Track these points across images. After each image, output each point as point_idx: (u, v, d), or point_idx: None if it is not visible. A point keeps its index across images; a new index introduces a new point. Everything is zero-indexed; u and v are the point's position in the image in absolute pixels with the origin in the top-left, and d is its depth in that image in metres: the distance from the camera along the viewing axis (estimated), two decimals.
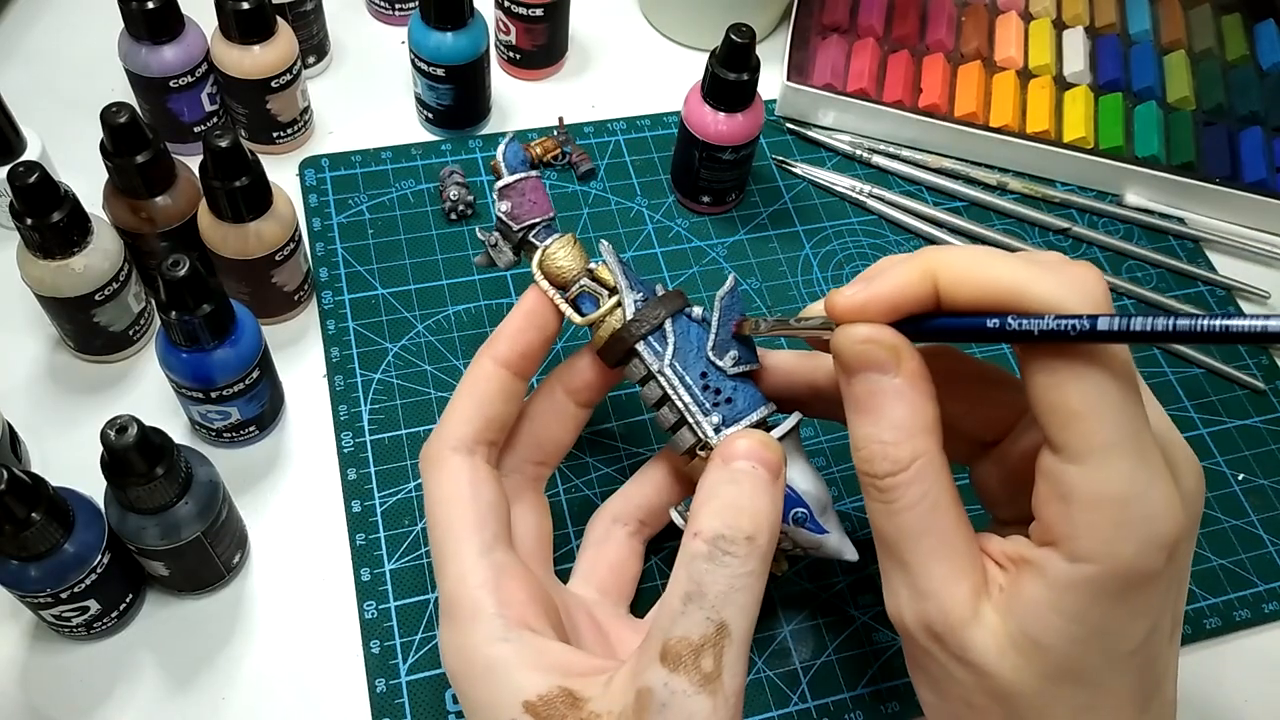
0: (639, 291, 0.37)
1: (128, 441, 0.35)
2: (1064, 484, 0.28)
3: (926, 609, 0.29)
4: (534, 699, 0.30)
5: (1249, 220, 0.60)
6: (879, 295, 0.30)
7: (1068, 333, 0.27)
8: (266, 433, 0.48)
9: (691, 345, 0.37)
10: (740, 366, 0.36)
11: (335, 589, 0.44)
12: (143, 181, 0.45)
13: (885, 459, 0.29)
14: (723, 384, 0.36)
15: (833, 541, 0.37)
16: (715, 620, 0.29)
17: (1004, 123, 0.60)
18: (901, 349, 0.30)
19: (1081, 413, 0.27)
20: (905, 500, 0.29)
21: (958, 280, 0.29)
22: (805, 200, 0.59)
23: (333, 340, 0.50)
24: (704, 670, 0.29)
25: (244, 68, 0.52)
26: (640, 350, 0.37)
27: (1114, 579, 0.27)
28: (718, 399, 0.36)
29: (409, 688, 0.41)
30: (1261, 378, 0.54)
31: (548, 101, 0.62)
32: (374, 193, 0.56)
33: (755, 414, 0.36)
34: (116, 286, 0.46)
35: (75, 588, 0.38)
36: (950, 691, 0.30)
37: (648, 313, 0.37)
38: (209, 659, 0.42)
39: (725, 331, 0.37)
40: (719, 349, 0.36)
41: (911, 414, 0.30)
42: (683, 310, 0.37)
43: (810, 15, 0.64)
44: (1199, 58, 0.66)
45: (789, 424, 0.36)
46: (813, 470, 0.37)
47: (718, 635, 0.29)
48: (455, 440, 0.35)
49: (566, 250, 0.38)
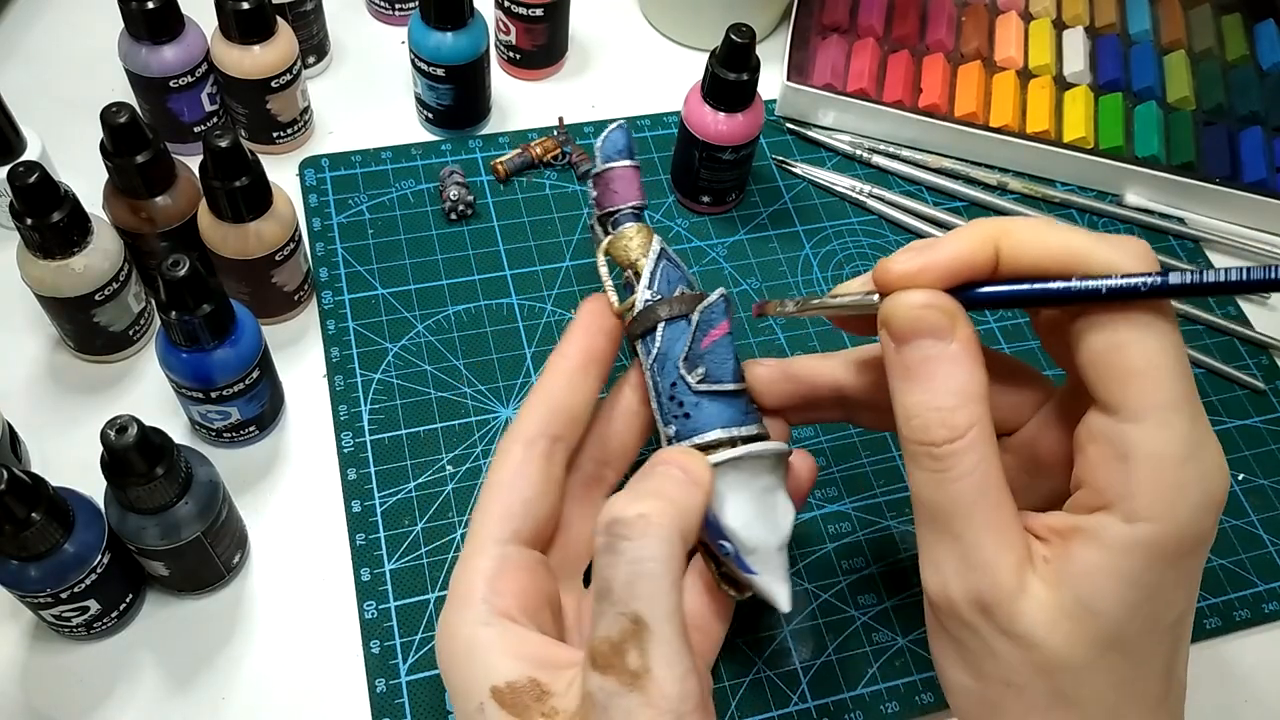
0: (658, 290, 0.37)
1: (128, 441, 0.35)
2: (1123, 443, 0.28)
3: (977, 581, 0.29)
4: (502, 685, 0.30)
5: (1249, 220, 0.60)
6: (936, 261, 0.30)
7: (1139, 289, 0.27)
8: (266, 433, 0.48)
9: (674, 353, 0.36)
10: (707, 384, 0.35)
11: (335, 589, 0.44)
12: (143, 181, 0.45)
13: (942, 425, 0.29)
14: (686, 398, 0.35)
15: (759, 583, 0.34)
16: (627, 614, 0.28)
17: (1004, 123, 0.60)
18: (957, 314, 0.30)
19: (1144, 371, 0.28)
20: (961, 469, 0.29)
21: (1020, 246, 0.29)
22: (805, 200, 0.59)
23: (333, 340, 0.50)
24: (630, 668, 0.28)
25: (244, 68, 0.52)
26: (638, 348, 0.37)
27: (1171, 540, 0.28)
28: (679, 411, 0.35)
29: (409, 688, 0.41)
30: (1261, 378, 0.54)
31: (548, 101, 0.62)
32: (374, 193, 0.56)
33: (708, 434, 0.34)
34: (116, 286, 0.46)
35: (75, 588, 0.38)
36: (989, 671, 0.30)
37: (646, 313, 0.37)
38: (209, 659, 0.42)
39: (699, 345, 0.36)
40: (690, 362, 0.35)
41: (968, 380, 0.29)
42: (685, 315, 0.36)
43: (810, 15, 0.64)
44: (1199, 58, 0.66)
45: (731, 453, 0.34)
46: (757, 511, 0.34)
47: (634, 629, 0.28)
48: (518, 432, 0.36)
49: (627, 240, 0.39)
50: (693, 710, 0.28)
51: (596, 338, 0.37)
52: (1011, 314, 0.55)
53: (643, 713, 0.28)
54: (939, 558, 0.30)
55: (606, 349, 0.37)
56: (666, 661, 0.28)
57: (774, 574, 0.34)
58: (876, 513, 0.48)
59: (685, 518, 0.30)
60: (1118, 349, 0.28)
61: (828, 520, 0.47)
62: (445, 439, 0.48)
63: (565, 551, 0.37)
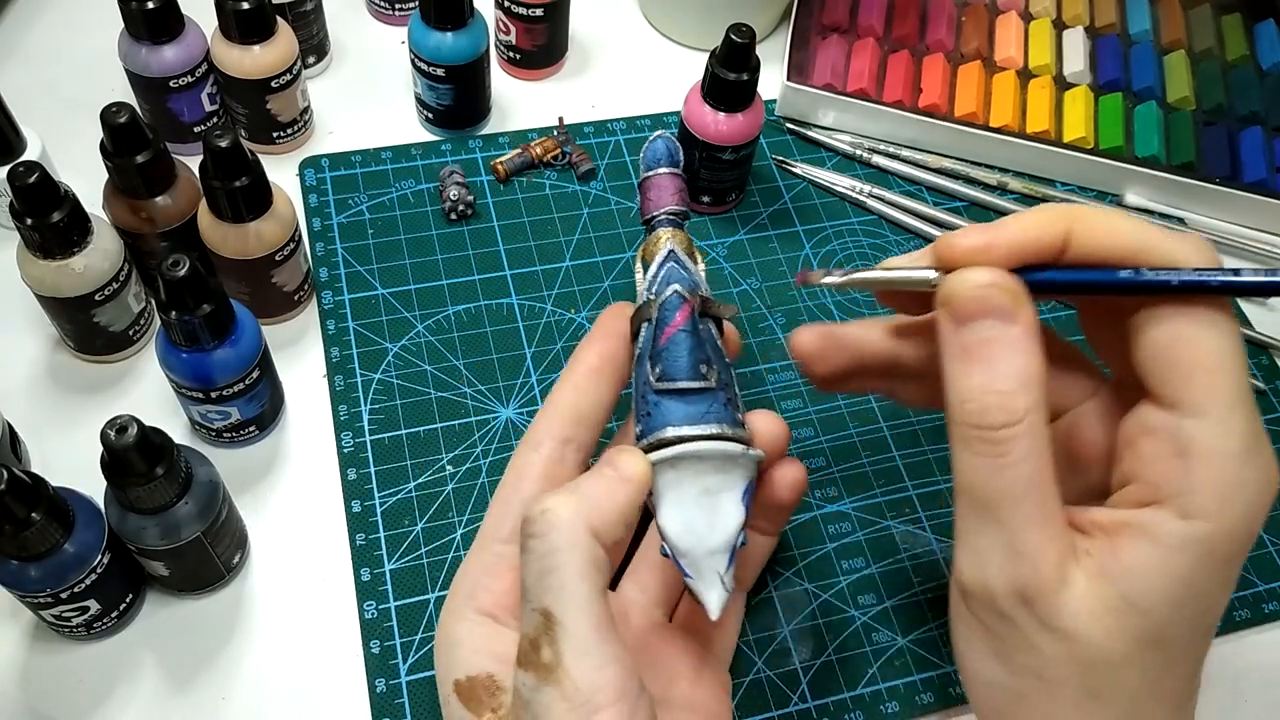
0: (654, 290, 0.37)
1: (128, 441, 0.35)
2: (1183, 439, 0.28)
3: (1021, 572, 0.29)
4: (462, 678, 0.32)
5: (1249, 220, 0.60)
6: (1003, 239, 0.29)
7: (1209, 284, 0.27)
8: (266, 433, 0.48)
9: (645, 354, 0.35)
10: (664, 382, 0.34)
11: (335, 589, 0.44)
12: (143, 181, 0.45)
13: (1002, 410, 0.28)
14: (649, 396, 0.34)
15: (692, 585, 0.33)
16: (538, 610, 0.28)
17: (1004, 123, 0.60)
18: (1022, 296, 0.29)
19: (1209, 367, 0.28)
20: (1016, 455, 0.28)
21: (1093, 232, 0.29)
22: (805, 200, 0.59)
23: (333, 340, 0.50)
24: (544, 662, 0.28)
25: (244, 68, 0.52)
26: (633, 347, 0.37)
27: (1225, 538, 0.28)
28: (643, 411, 0.34)
29: (409, 688, 0.41)
30: (1261, 378, 0.54)
31: (548, 101, 0.62)
32: (374, 193, 0.56)
33: (659, 433, 0.33)
34: (116, 286, 0.46)
35: (75, 588, 0.38)
36: (1022, 663, 0.30)
37: (636, 313, 0.37)
38: (209, 659, 0.42)
39: (657, 344, 0.35)
40: (652, 361, 0.35)
41: (1029, 364, 0.29)
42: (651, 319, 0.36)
43: (810, 15, 0.64)
44: (1199, 58, 0.66)
45: (667, 452, 0.32)
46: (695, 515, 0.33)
47: (545, 623, 0.28)
48: (528, 435, 0.36)
49: (656, 242, 0.39)
50: (611, 701, 0.28)
51: (610, 341, 0.37)
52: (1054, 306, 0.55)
53: (558, 705, 0.28)
54: (981, 546, 0.30)
55: (621, 352, 0.37)
56: (578, 653, 0.28)
57: (705, 580, 0.33)
58: (876, 513, 0.48)
59: (601, 512, 0.30)
60: (1183, 343, 0.28)
61: (828, 520, 0.47)
62: (445, 439, 0.48)
63: None
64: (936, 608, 0.45)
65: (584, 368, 0.37)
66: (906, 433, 0.50)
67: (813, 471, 0.49)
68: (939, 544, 0.47)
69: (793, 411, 0.50)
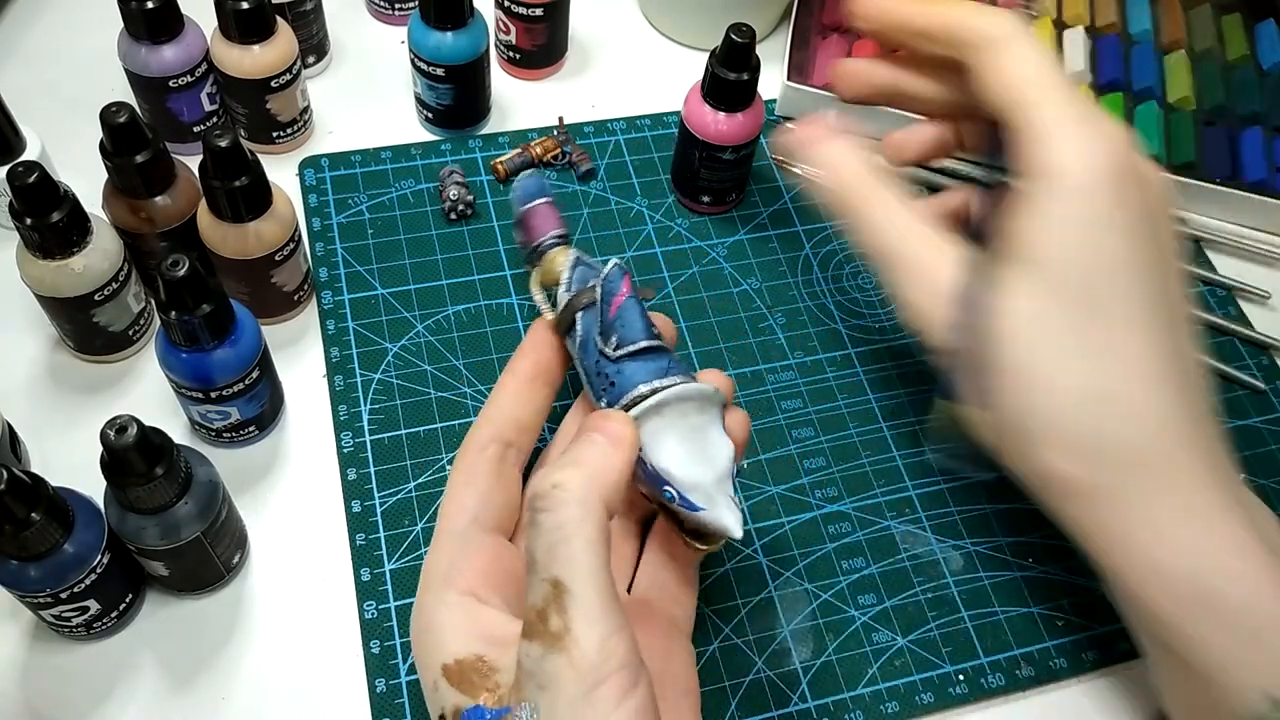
0: (573, 289, 0.40)
1: (127, 441, 0.35)
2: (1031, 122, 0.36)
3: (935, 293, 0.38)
4: (451, 663, 0.32)
5: (1249, 220, 0.60)
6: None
7: None
8: (266, 433, 0.48)
9: (592, 336, 0.38)
10: (623, 348, 0.37)
11: (335, 589, 0.44)
12: (142, 181, 0.45)
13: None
14: (608, 369, 0.37)
15: (707, 518, 0.35)
16: (548, 579, 0.29)
17: None
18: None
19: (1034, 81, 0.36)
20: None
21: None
22: (805, 200, 0.59)
23: (332, 340, 0.50)
24: (552, 630, 0.28)
25: (244, 67, 0.52)
26: (568, 345, 0.39)
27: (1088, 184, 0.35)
28: (605, 385, 0.37)
29: (409, 688, 0.41)
30: (1261, 378, 0.54)
31: (548, 101, 0.62)
32: (374, 193, 0.56)
33: (632, 392, 0.36)
34: (116, 286, 0.46)
35: (75, 588, 0.38)
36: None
37: (565, 310, 0.39)
38: (209, 659, 0.42)
39: (607, 316, 0.38)
40: (604, 335, 0.38)
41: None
42: (594, 302, 0.39)
43: (810, 15, 0.64)
44: (1199, 58, 0.66)
45: (646, 403, 0.35)
46: (691, 449, 0.36)
47: (555, 592, 0.29)
48: (470, 439, 0.39)
49: (552, 261, 0.42)
50: (617, 669, 0.28)
51: (542, 352, 0.41)
52: None
53: (565, 673, 0.28)
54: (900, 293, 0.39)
55: (552, 362, 0.41)
56: (587, 621, 0.28)
57: (719, 506, 0.35)
58: (876, 513, 0.48)
59: (604, 480, 0.30)
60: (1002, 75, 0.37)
61: (828, 520, 0.47)
62: (445, 439, 0.48)
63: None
64: (936, 608, 0.45)
65: (521, 377, 0.40)
66: (906, 433, 0.50)
67: (813, 471, 0.49)
68: (939, 544, 0.47)
69: (793, 411, 0.50)
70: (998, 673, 0.44)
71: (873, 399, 0.51)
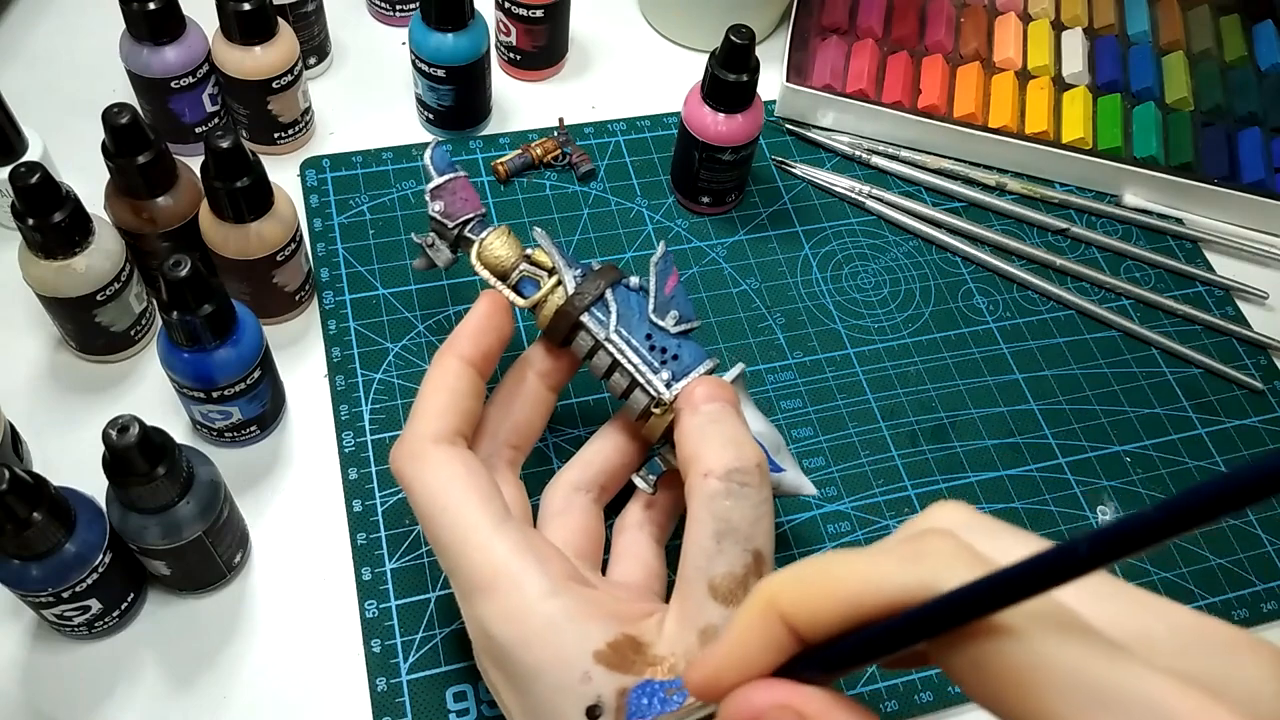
0: (576, 269, 0.40)
1: (129, 441, 0.35)
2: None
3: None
4: (604, 648, 0.31)
5: (1247, 221, 0.60)
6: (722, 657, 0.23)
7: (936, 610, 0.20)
8: (268, 432, 0.48)
9: (634, 310, 0.39)
10: (684, 324, 0.39)
11: (336, 588, 0.44)
12: (144, 182, 0.45)
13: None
14: (668, 342, 0.38)
15: (789, 479, 0.39)
16: (751, 550, 0.32)
17: (1003, 123, 0.61)
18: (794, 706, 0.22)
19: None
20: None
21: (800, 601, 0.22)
22: (805, 201, 0.59)
23: (334, 340, 0.50)
24: None
25: (245, 68, 0.52)
26: (586, 322, 0.39)
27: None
28: (665, 357, 0.38)
29: (410, 686, 0.41)
30: (1260, 378, 0.54)
31: (548, 102, 0.62)
32: (375, 193, 0.56)
33: (702, 366, 0.38)
34: (118, 287, 0.46)
35: (76, 587, 0.38)
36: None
37: (587, 286, 0.39)
38: (210, 658, 0.42)
39: (663, 294, 0.39)
40: (660, 310, 0.39)
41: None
42: (620, 281, 0.39)
43: (810, 16, 0.64)
44: (1197, 58, 0.66)
45: (735, 371, 0.39)
46: (761, 413, 0.40)
47: (757, 563, 0.32)
48: (435, 434, 0.35)
49: (502, 240, 0.41)
50: None
51: (493, 343, 0.38)
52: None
53: None
54: None
55: (498, 353, 0.39)
56: None
57: (795, 467, 0.40)
58: (876, 513, 0.48)
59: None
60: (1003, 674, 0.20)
61: (828, 520, 0.47)
62: None
63: None
64: None
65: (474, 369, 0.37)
66: (906, 433, 0.50)
67: (813, 471, 0.49)
68: None
69: (792, 411, 0.50)
70: None
71: (871, 399, 0.51)
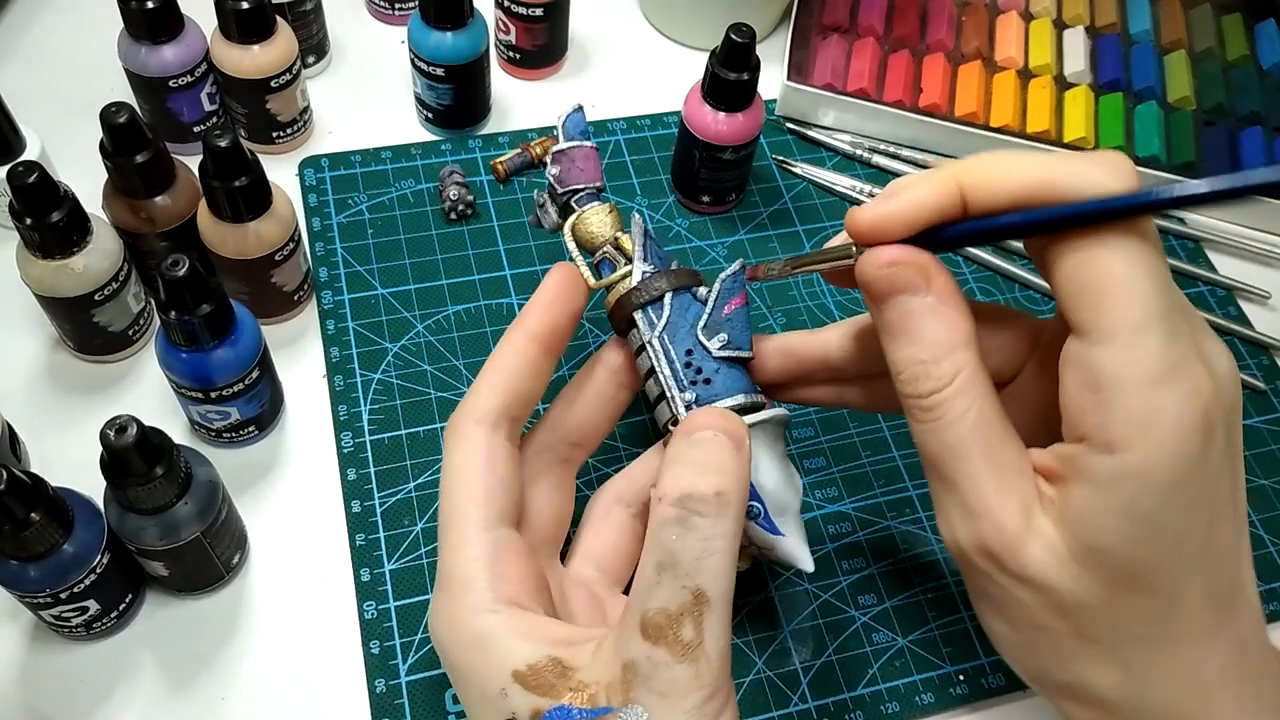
0: (651, 263, 0.38)
1: (127, 441, 0.35)
2: (1093, 369, 0.27)
3: (980, 528, 0.29)
4: (523, 668, 0.30)
5: (1249, 220, 0.60)
6: (899, 213, 0.30)
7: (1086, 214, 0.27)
8: (266, 433, 0.48)
9: (686, 322, 0.37)
10: (728, 351, 0.36)
11: (335, 589, 0.44)
12: (142, 181, 0.45)
13: (928, 378, 0.29)
14: (705, 364, 0.36)
15: (786, 545, 0.36)
16: (690, 588, 0.28)
17: (1004, 123, 0.60)
18: (929, 267, 0.30)
19: (1112, 289, 0.27)
20: (950, 415, 0.29)
21: (983, 183, 0.29)
22: (805, 200, 0.59)
23: (332, 340, 0.50)
24: (684, 640, 0.28)
25: (244, 67, 0.52)
26: (637, 319, 0.37)
27: (1157, 467, 0.27)
28: (697, 378, 0.36)
29: (409, 688, 0.41)
30: (1262, 378, 0.54)
31: (548, 101, 0.62)
32: (374, 193, 0.56)
33: (731, 399, 0.36)
34: (116, 286, 0.46)
35: (75, 588, 0.38)
36: (1017, 616, 0.30)
37: (650, 283, 0.37)
38: (209, 659, 0.42)
39: (720, 313, 0.37)
40: (710, 329, 0.36)
41: (949, 330, 0.29)
42: (689, 288, 0.38)
43: (810, 15, 0.64)
44: (1199, 58, 0.66)
45: (762, 415, 0.36)
46: (783, 473, 0.36)
47: (695, 603, 0.28)
48: (479, 413, 0.35)
49: (600, 217, 0.40)
50: (725, 682, 0.29)
51: (562, 317, 0.36)
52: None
53: (689, 684, 0.28)
54: (945, 507, 0.30)
55: (569, 330, 0.37)
56: (716, 637, 0.28)
57: (797, 535, 0.36)
58: (876, 513, 0.48)
59: (745, 486, 0.30)
60: (1087, 265, 0.27)
61: (828, 520, 0.47)
62: None
63: (537, 533, 0.37)
64: (936, 608, 0.45)
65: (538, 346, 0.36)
66: (906, 433, 0.50)
67: (813, 471, 0.49)
68: (939, 544, 0.47)
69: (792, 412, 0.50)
70: (998, 673, 0.44)
71: None
